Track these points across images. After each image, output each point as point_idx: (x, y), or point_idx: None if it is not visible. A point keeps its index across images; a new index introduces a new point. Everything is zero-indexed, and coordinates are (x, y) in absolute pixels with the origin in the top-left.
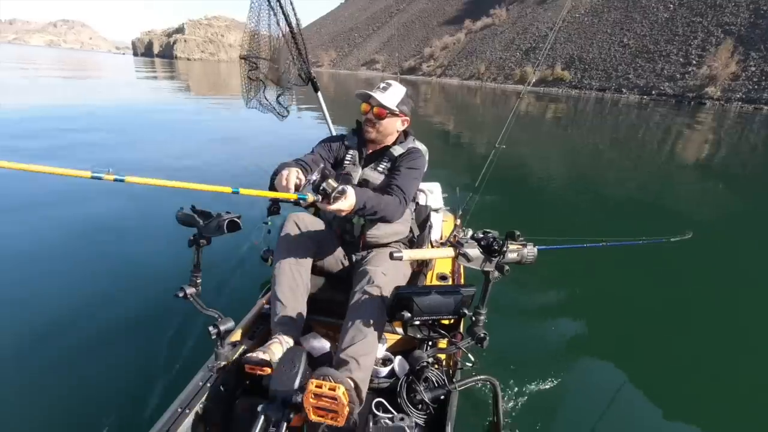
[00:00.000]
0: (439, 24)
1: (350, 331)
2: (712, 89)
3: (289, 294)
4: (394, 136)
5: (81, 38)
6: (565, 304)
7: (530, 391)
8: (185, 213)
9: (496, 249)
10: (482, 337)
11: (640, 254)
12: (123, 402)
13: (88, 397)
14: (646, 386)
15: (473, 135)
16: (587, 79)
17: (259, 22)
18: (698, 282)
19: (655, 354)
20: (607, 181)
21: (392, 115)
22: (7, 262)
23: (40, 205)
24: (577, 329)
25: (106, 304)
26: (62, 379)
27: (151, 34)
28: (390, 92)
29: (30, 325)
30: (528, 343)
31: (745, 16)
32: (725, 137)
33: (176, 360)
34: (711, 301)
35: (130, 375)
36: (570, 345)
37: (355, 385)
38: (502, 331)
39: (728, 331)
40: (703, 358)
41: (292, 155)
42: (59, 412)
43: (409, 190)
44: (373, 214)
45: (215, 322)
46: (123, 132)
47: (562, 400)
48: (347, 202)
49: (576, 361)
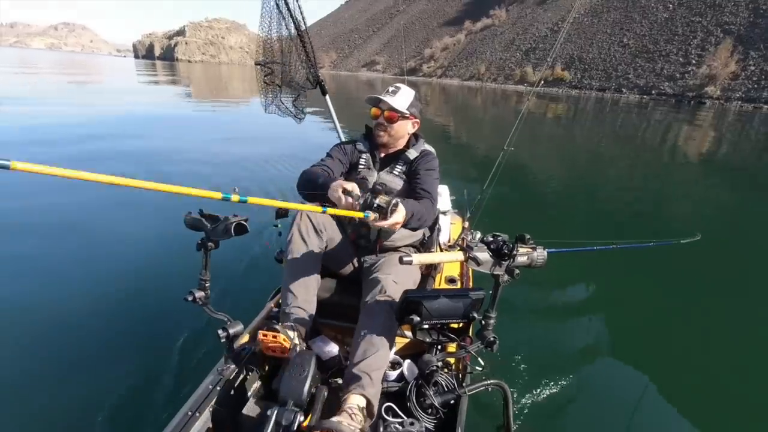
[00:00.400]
0: (439, 25)
1: (362, 344)
2: (712, 89)
3: (301, 288)
4: (406, 138)
5: (82, 41)
6: (576, 307)
7: (541, 397)
8: (193, 217)
9: (506, 253)
10: (492, 341)
11: (650, 257)
12: (132, 406)
13: (98, 400)
14: (659, 390)
15: (478, 136)
16: (587, 79)
17: (271, 27)
18: (709, 284)
19: (668, 358)
20: (613, 182)
21: (403, 118)
22: (16, 266)
23: (46, 212)
24: (587, 333)
25: (115, 309)
26: (71, 383)
27: (152, 37)
28: (400, 95)
29: (40, 328)
30: (538, 348)
31: (745, 16)
32: (728, 136)
33: (186, 364)
34: (722, 304)
35: (139, 379)
36: (581, 349)
37: (367, 402)
38: (513, 335)
39: (741, 334)
40: (718, 363)
41: (305, 159)
42: (68, 414)
43: (435, 192)
44: (418, 222)
45: (224, 326)
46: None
47: (573, 405)
48: (401, 214)
49: (587, 366)
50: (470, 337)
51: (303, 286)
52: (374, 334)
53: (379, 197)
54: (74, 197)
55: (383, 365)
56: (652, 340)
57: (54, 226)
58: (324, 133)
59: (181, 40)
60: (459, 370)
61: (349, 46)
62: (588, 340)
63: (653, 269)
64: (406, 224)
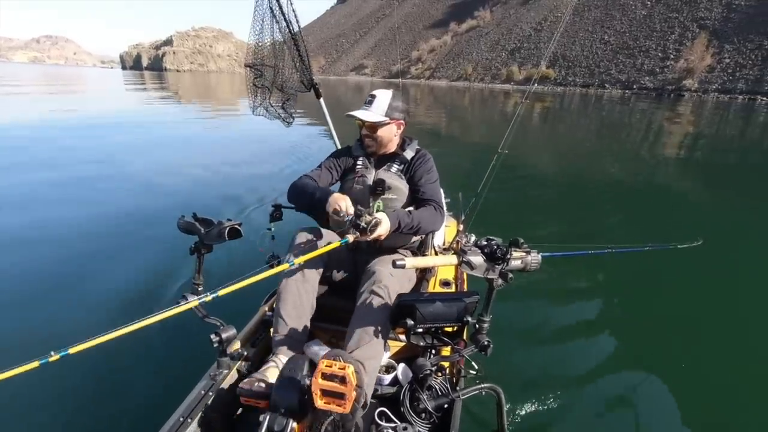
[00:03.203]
0: (425, 27)
1: (356, 333)
2: (690, 81)
3: (293, 313)
4: (396, 141)
5: (65, 53)
6: (570, 311)
7: (534, 400)
8: (186, 221)
9: (499, 257)
10: (486, 344)
11: (647, 261)
12: (123, 411)
13: (88, 405)
14: (654, 395)
15: (469, 138)
16: (571, 76)
17: (263, 29)
18: (709, 290)
19: (666, 363)
20: (607, 183)
21: (384, 124)
22: (8, 268)
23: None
24: (582, 337)
25: (107, 313)
26: (61, 388)
27: (139, 47)
28: (375, 105)
29: (30, 330)
30: (532, 351)
31: (719, 11)
32: (706, 128)
33: (177, 369)
34: (723, 310)
35: (130, 384)
36: (575, 353)
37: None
38: (506, 338)
39: (743, 341)
40: (715, 369)
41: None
42: (58, 420)
43: (439, 196)
44: (412, 229)
45: (217, 330)
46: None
47: (567, 409)
48: (383, 228)
49: (581, 369)
50: (464, 340)
51: (296, 312)
52: (369, 324)
53: (363, 217)
54: (65, 209)
55: (377, 355)
56: (648, 345)
57: (47, 230)
58: (320, 136)
59: (169, 50)
60: (453, 374)
61: (337, 51)
62: (582, 344)
63: (651, 274)
64: (401, 232)
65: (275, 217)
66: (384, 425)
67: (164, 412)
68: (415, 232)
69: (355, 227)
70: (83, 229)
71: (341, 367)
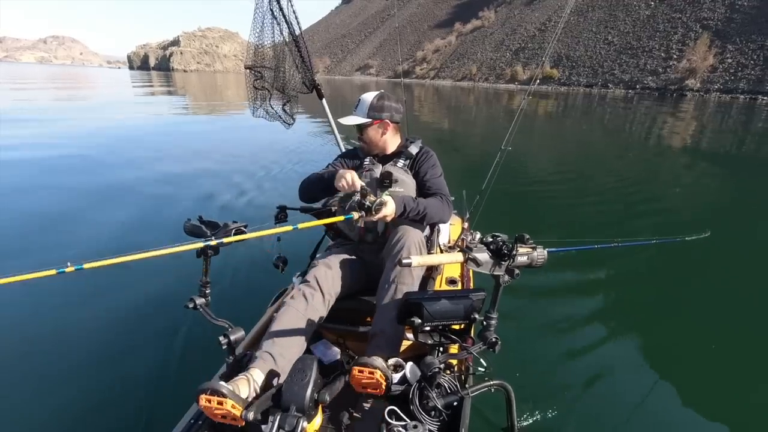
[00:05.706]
0: (430, 27)
1: (382, 309)
2: (692, 81)
3: (285, 342)
4: (394, 142)
5: (72, 54)
6: (579, 306)
7: (544, 396)
8: (193, 224)
9: (505, 253)
10: (494, 341)
11: (655, 254)
12: (133, 414)
13: (98, 408)
14: (666, 391)
15: (474, 136)
16: (575, 76)
17: (263, 31)
18: (718, 282)
19: (676, 359)
20: (611, 177)
21: (368, 125)
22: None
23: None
24: (590, 332)
25: (115, 316)
26: (70, 391)
27: (146, 48)
28: (359, 108)
29: (36, 336)
30: (541, 347)
31: (722, 11)
32: (709, 125)
33: (187, 371)
34: (732, 303)
35: (140, 387)
36: (584, 348)
37: (386, 360)
38: (515, 335)
39: (751, 334)
40: (726, 364)
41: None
42: (67, 423)
43: (445, 189)
44: (418, 215)
45: (225, 332)
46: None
47: (577, 404)
48: (389, 209)
49: (591, 365)
50: (472, 338)
51: (287, 340)
52: (394, 300)
53: (367, 198)
54: (65, 203)
55: (398, 341)
56: (658, 339)
57: (47, 232)
58: (326, 137)
59: (176, 50)
60: (461, 371)
61: (342, 51)
62: (592, 340)
63: (659, 267)
64: (405, 217)
65: (280, 218)
66: (394, 423)
67: (174, 415)
68: (420, 219)
69: (360, 206)
70: (78, 232)
71: (371, 372)
